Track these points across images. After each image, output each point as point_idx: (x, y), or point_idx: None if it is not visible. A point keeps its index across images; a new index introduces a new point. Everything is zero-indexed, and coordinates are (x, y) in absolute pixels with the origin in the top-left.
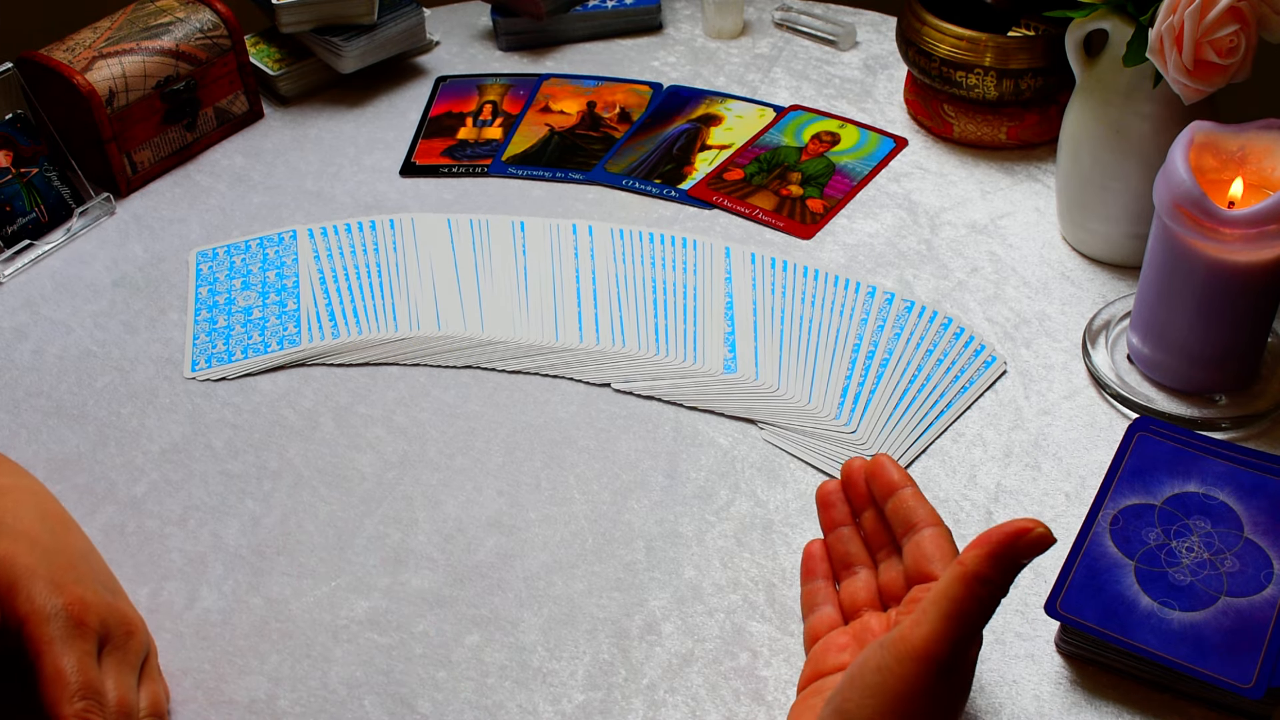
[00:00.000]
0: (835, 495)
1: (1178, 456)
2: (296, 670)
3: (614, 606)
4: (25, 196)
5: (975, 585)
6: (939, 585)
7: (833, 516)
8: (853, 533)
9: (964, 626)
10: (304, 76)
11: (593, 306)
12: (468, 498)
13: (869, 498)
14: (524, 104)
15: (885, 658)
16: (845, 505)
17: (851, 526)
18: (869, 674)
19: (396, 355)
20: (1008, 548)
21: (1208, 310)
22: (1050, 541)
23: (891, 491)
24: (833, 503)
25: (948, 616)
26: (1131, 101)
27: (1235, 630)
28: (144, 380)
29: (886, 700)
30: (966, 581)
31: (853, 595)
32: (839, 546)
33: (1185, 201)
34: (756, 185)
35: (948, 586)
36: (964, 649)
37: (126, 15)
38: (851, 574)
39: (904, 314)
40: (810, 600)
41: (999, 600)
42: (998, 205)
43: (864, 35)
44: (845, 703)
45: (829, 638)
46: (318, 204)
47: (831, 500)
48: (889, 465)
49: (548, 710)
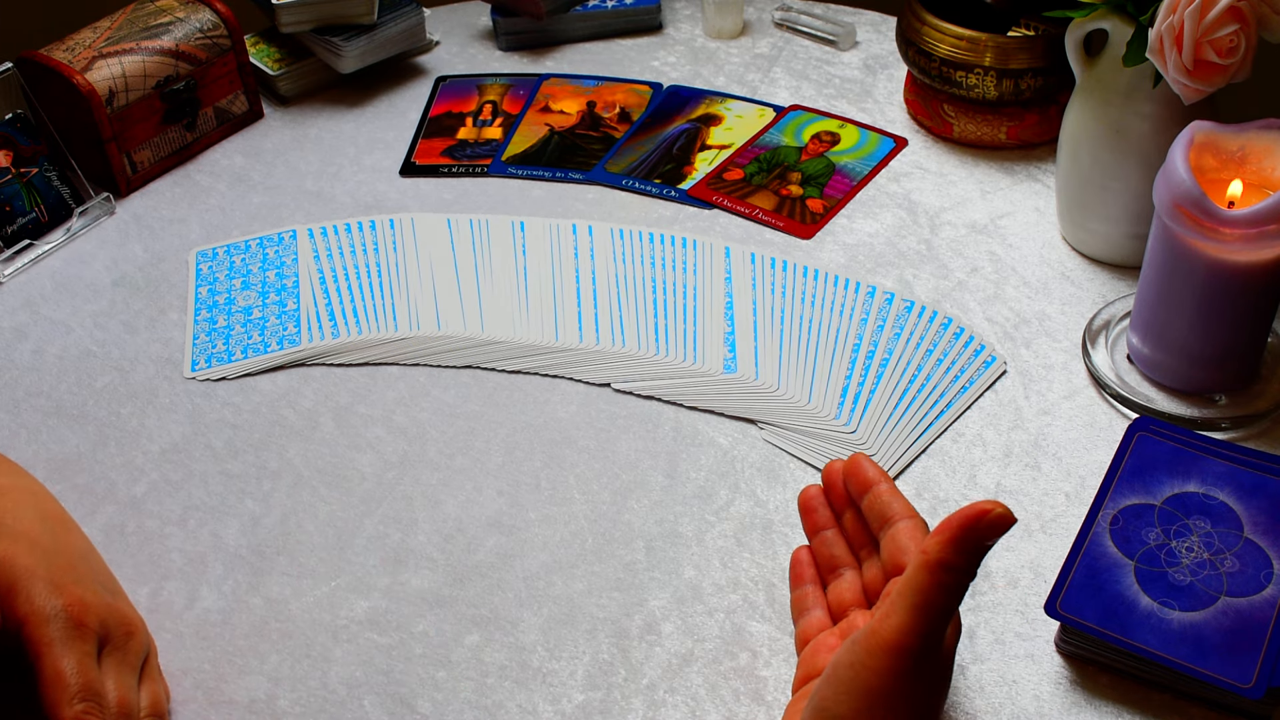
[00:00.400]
0: (817, 500)
1: (1178, 456)
2: (296, 670)
3: (614, 606)
4: (25, 196)
5: (940, 573)
6: (905, 575)
7: (815, 521)
8: (836, 535)
9: (932, 614)
10: (304, 76)
11: (593, 306)
12: (468, 498)
13: (849, 499)
14: (524, 104)
15: (858, 653)
16: (827, 509)
17: (835, 529)
18: (844, 670)
19: (396, 355)
20: (968, 531)
21: (1208, 310)
22: (1010, 521)
23: (867, 488)
24: (814, 507)
25: (915, 607)
26: (1131, 101)
27: (1235, 630)
28: (144, 380)
29: (863, 695)
30: (931, 569)
31: (839, 596)
32: (823, 550)
33: (1185, 201)
34: (756, 185)
35: (913, 576)
36: (936, 637)
37: (126, 15)
38: (837, 576)
39: (904, 314)
40: (800, 606)
41: (966, 585)
42: (997, 205)
43: (864, 35)
44: (824, 700)
45: (819, 639)
46: (318, 204)
47: (813, 505)
48: (865, 463)
49: (548, 710)
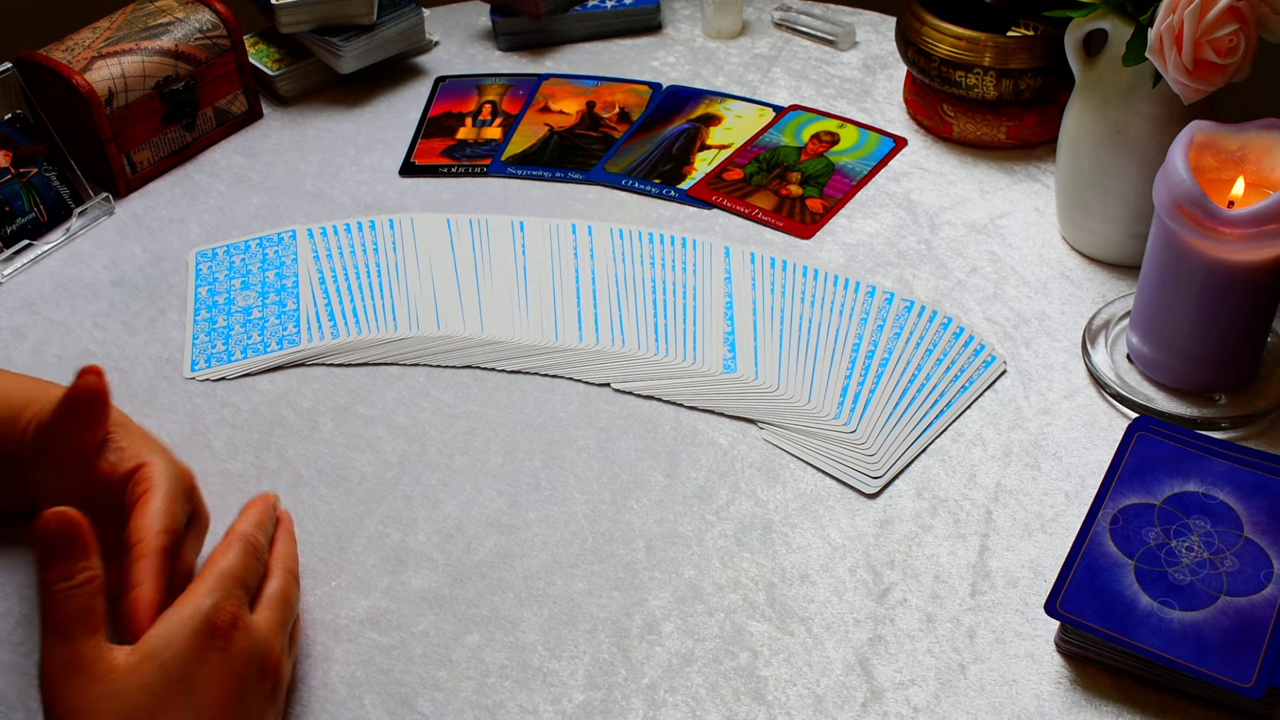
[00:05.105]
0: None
1: (1177, 456)
2: (297, 670)
3: (614, 606)
4: (24, 196)
5: None
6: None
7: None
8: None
9: None
10: (303, 76)
11: (592, 306)
12: (467, 498)
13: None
14: (523, 104)
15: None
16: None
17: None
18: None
19: (396, 355)
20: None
21: (1208, 310)
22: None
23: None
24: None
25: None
26: (1131, 101)
27: (1235, 630)
28: (143, 380)
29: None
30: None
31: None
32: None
33: (1185, 201)
34: (756, 185)
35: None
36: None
37: (126, 15)
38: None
39: (904, 313)
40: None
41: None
42: (997, 205)
43: (863, 35)
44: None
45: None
46: (317, 204)
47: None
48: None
49: (548, 710)
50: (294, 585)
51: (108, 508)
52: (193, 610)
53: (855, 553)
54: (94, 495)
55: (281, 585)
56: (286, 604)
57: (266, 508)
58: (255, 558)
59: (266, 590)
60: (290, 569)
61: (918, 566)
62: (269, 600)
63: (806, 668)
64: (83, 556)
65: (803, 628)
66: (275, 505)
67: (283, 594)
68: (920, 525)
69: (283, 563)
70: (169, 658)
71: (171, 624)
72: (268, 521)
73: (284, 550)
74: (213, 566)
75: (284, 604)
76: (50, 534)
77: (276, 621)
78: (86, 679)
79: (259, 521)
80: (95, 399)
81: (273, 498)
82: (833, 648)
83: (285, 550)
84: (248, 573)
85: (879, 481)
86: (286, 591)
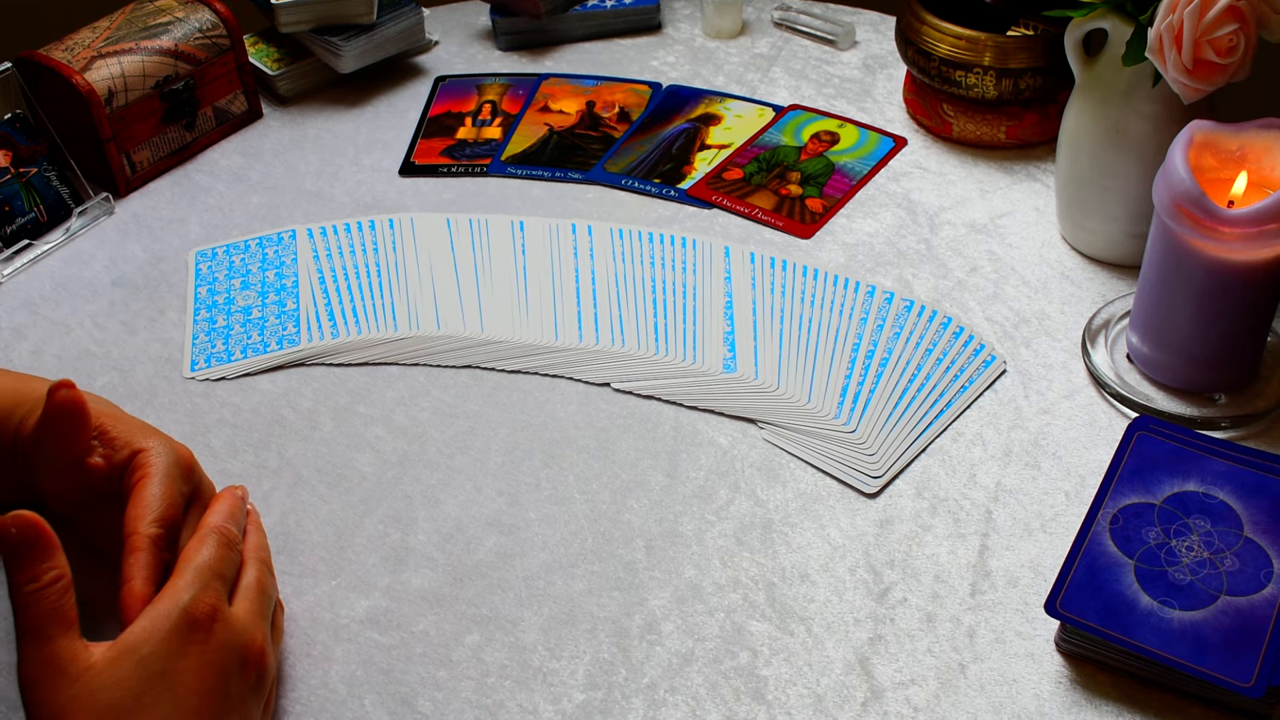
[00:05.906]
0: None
1: (1177, 456)
2: (297, 669)
3: (614, 606)
4: (24, 196)
5: None
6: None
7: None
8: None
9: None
10: (303, 76)
11: (592, 306)
12: (467, 497)
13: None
14: (523, 104)
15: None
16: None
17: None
18: None
19: (396, 355)
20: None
21: (1208, 310)
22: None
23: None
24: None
25: None
26: (1131, 101)
27: (1235, 629)
28: (143, 380)
29: None
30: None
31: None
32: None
33: (1185, 201)
34: (756, 185)
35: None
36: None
37: (125, 15)
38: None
39: (903, 313)
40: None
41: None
42: (997, 205)
43: (863, 35)
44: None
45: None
46: (317, 204)
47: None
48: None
49: (548, 710)
50: (269, 575)
51: (112, 498)
52: (171, 604)
53: (855, 552)
54: (95, 491)
55: (257, 575)
56: (264, 593)
57: (236, 500)
58: (230, 549)
59: (243, 581)
60: (264, 559)
61: (918, 566)
62: (246, 590)
63: (806, 667)
64: (45, 557)
65: (803, 627)
66: (245, 497)
67: (259, 583)
68: (920, 525)
69: (255, 553)
70: (147, 653)
71: (150, 619)
72: (239, 513)
73: (255, 541)
74: (189, 561)
75: (261, 593)
76: (10, 538)
77: (255, 611)
78: (62, 679)
79: (230, 513)
80: (72, 412)
81: (241, 489)
82: (833, 647)
83: (256, 541)
84: (224, 564)
85: (879, 481)
86: (262, 581)
